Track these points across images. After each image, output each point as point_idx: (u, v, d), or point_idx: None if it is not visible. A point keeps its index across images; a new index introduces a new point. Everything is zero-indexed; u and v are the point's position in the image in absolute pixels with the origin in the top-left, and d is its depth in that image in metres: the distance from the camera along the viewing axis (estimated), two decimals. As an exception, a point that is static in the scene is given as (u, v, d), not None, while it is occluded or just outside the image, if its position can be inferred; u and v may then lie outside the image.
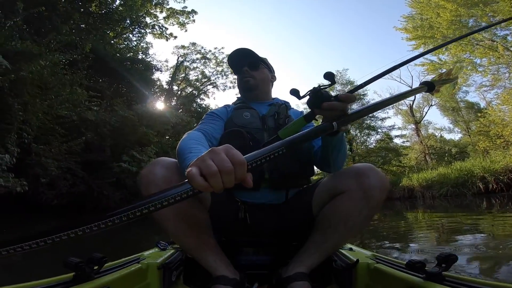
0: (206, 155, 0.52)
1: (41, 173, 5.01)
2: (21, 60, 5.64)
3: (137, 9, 13.92)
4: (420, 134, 23.97)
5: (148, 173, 0.84)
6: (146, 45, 16.76)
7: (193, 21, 16.08)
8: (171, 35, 16.00)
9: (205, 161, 0.50)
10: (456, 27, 11.13)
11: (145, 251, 1.14)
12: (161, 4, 15.57)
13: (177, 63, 18.33)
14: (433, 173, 11.94)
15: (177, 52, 18.49)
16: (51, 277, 0.65)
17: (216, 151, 0.52)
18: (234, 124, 1.12)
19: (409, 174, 14.21)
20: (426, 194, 11.14)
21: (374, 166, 0.92)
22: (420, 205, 9.28)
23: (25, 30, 8.30)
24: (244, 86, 1.25)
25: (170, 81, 18.23)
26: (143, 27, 15.64)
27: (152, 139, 8.20)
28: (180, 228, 0.88)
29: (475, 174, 9.48)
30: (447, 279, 0.66)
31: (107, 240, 3.40)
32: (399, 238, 3.05)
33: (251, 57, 1.26)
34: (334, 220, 0.91)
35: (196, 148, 0.83)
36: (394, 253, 2.29)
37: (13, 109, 4.64)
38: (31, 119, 4.86)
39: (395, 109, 25.21)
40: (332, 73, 0.78)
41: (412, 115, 23.88)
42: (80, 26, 12.16)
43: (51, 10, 9.91)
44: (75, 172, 5.91)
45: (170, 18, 15.92)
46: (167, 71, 18.85)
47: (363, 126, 20.40)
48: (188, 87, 19.55)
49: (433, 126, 26.80)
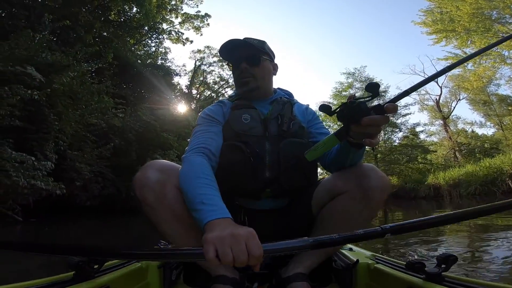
0: (227, 239, 0.58)
1: (75, 176, 5.57)
2: (52, 72, 6.22)
3: (153, 17, 14.58)
4: (449, 129, 23.15)
5: (141, 176, 0.85)
6: (164, 50, 17.58)
7: (208, 24, 16.73)
8: (187, 39, 16.74)
9: (223, 247, 0.56)
10: (478, 20, 10.78)
11: None
12: (176, 9, 16.26)
13: (195, 67, 19.01)
14: (460, 171, 11.59)
15: (194, 56, 19.23)
16: (52, 276, 0.66)
17: (238, 238, 0.58)
18: (232, 130, 1.02)
19: (435, 172, 13.91)
20: (453, 192, 10.86)
21: (375, 167, 0.92)
22: (446, 204, 9.11)
23: (53, 41, 9.01)
24: (243, 87, 1.10)
25: (189, 85, 18.94)
26: (160, 33, 16.41)
27: (173, 143, 8.72)
28: (177, 231, 0.88)
29: (504, 172, 9.18)
30: (446, 280, 0.67)
31: (107, 240, 3.61)
32: (428, 240, 2.95)
33: (250, 50, 1.08)
34: (334, 221, 0.91)
35: (208, 196, 0.77)
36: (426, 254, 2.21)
37: (49, 120, 5.20)
38: (66, 128, 5.42)
39: (420, 105, 24.53)
40: (377, 84, 0.71)
41: (439, 110, 23.10)
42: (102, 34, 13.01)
43: (74, 21, 10.68)
44: (106, 176, 6.49)
45: (185, 23, 16.65)
46: (186, 75, 19.62)
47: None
48: (207, 90, 20.21)
49: (463, 121, 25.66)
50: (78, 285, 0.63)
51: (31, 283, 0.61)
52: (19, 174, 4.17)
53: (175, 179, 0.86)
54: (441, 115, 22.71)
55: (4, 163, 4.19)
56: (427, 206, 8.96)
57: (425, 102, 23.85)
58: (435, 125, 24.14)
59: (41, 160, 4.75)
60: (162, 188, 0.84)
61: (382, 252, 2.27)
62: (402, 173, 18.21)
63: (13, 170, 4.16)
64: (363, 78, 19.47)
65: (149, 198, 0.83)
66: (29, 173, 4.32)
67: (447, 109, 23.43)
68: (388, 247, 2.56)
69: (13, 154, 4.18)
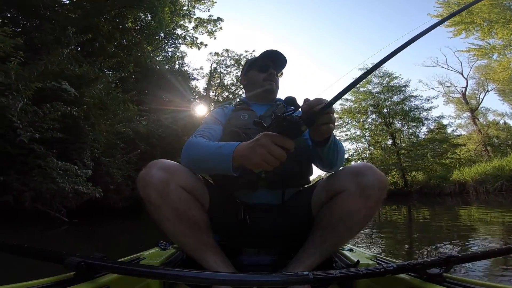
0: (258, 147, 0.76)
1: (109, 181, 6.27)
2: (82, 84, 6.87)
3: (167, 24, 15.28)
4: (478, 122, 22.50)
5: (145, 175, 0.88)
6: (180, 54, 18.38)
7: (220, 28, 17.45)
8: (201, 43, 17.44)
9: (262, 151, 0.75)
10: (498, 11, 10.55)
11: (145, 251, 1.18)
12: (188, 14, 16.97)
13: (211, 70, 19.76)
14: (487, 166, 11.47)
15: (211, 59, 20.01)
16: (52, 276, 0.67)
17: (265, 144, 0.75)
18: (232, 125, 1.18)
19: (460, 167, 13.75)
20: (479, 189, 10.86)
21: (373, 165, 0.95)
22: (472, 200, 9.10)
23: (78, 52, 9.72)
24: (266, 89, 1.30)
25: (207, 88, 19.66)
26: (176, 39, 17.17)
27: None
28: (179, 229, 0.91)
29: (533, 166, 9.04)
30: (447, 281, 0.68)
31: (107, 240, 3.78)
32: (429, 240, 3.03)
33: (283, 65, 1.34)
34: (333, 220, 0.94)
35: (219, 143, 0.94)
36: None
37: (85, 131, 5.91)
38: (99, 137, 6.12)
39: (445, 97, 24.01)
40: (293, 98, 0.89)
41: (466, 103, 22.51)
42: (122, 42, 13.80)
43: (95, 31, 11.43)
44: (134, 179, 7.08)
45: (199, 27, 17.38)
46: (203, 78, 20.43)
47: (407, 119, 19.63)
48: (224, 92, 20.89)
49: (494, 112, 24.73)
50: (78, 285, 0.63)
51: (31, 283, 0.62)
52: (64, 180, 4.88)
53: (178, 178, 0.91)
54: (469, 107, 22.12)
55: (51, 171, 4.90)
56: (452, 203, 8.97)
57: (451, 94, 23.43)
58: (463, 117, 23.57)
59: (81, 168, 5.44)
60: (166, 187, 0.88)
61: (383, 253, 2.40)
62: (428, 169, 17.89)
63: (59, 177, 4.87)
64: (381, 73, 19.35)
65: (152, 197, 0.87)
66: (72, 179, 5.03)
67: (475, 101, 22.77)
68: (388, 248, 2.67)
69: (59, 164, 4.88)
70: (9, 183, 4.71)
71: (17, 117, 4.65)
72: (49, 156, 4.94)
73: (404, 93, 19.54)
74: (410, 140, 20.11)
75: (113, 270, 0.65)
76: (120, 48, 13.08)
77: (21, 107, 4.73)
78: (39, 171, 4.84)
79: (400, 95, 19.66)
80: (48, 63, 6.23)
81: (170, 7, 15.11)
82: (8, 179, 4.70)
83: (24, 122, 4.73)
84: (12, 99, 4.65)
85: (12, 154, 4.78)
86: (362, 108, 20.73)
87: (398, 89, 19.75)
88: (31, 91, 4.94)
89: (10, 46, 5.11)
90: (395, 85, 19.91)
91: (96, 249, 2.93)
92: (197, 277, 0.57)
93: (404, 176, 18.87)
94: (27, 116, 4.86)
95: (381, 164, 19.58)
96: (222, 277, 0.58)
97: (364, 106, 20.67)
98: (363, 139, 21.76)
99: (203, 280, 0.56)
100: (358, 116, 21.19)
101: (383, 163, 19.63)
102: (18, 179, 4.81)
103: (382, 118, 20.49)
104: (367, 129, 21.53)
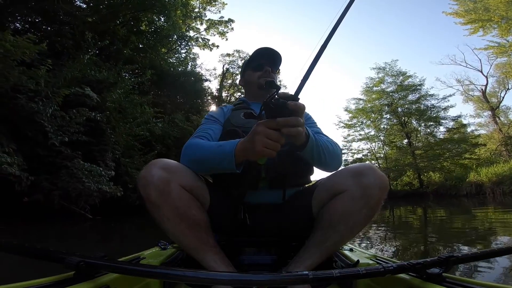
0: (258, 135, 0.79)
1: (128, 180, 6.77)
2: (103, 89, 7.31)
3: (179, 27, 15.71)
4: (499, 121, 22.01)
5: (146, 174, 0.88)
6: (193, 56, 18.87)
7: (232, 29, 17.78)
8: (213, 45, 17.90)
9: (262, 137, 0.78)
10: None
11: (145, 250, 1.18)
12: (200, 16, 17.44)
13: (223, 71, 20.21)
14: (504, 167, 11.42)
15: (223, 60, 20.48)
16: (52, 276, 0.67)
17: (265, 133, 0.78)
18: (231, 124, 1.20)
19: (477, 168, 13.62)
20: (496, 190, 10.83)
21: (373, 166, 0.96)
22: (489, 202, 9.07)
23: (97, 56, 10.09)
24: (261, 85, 1.31)
25: (219, 88, 20.14)
26: (188, 40, 17.64)
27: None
28: (180, 229, 0.91)
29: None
30: (447, 280, 0.68)
31: (108, 240, 3.86)
32: (430, 240, 3.10)
33: (278, 62, 1.34)
34: (334, 220, 0.94)
35: (220, 143, 0.97)
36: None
37: (107, 134, 6.41)
38: (119, 139, 6.62)
39: (464, 96, 23.60)
40: (272, 80, 0.94)
41: (486, 101, 22.03)
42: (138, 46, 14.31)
43: (112, 35, 11.94)
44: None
45: (210, 28, 17.83)
46: (216, 79, 20.95)
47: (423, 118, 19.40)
48: (237, 92, 21.34)
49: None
50: (78, 285, 0.63)
51: (31, 283, 0.62)
52: (89, 180, 5.36)
53: (179, 177, 0.91)
54: (489, 106, 21.66)
55: (77, 172, 5.39)
56: (468, 204, 8.98)
57: (470, 92, 23.02)
58: (483, 116, 23.07)
59: (104, 168, 5.93)
60: (166, 186, 0.88)
61: (383, 253, 2.45)
62: (445, 169, 17.70)
63: (84, 177, 5.35)
64: (394, 72, 19.25)
65: (153, 196, 0.87)
66: (96, 179, 5.52)
67: (496, 100, 22.25)
68: (388, 247, 2.73)
69: (85, 165, 5.37)
70: (39, 183, 5.22)
71: (47, 122, 5.15)
72: (76, 157, 5.44)
73: (419, 92, 19.34)
74: (427, 140, 19.88)
75: (113, 270, 0.66)
76: (135, 51, 13.59)
77: (51, 112, 5.22)
78: (67, 172, 5.35)
79: (415, 93, 19.48)
80: (70, 70, 6.64)
81: (182, 10, 15.58)
82: (38, 179, 5.21)
83: (54, 126, 5.23)
84: (42, 105, 5.15)
85: (41, 155, 5.30)
86: (376, 107, 20.67)
87: (413, 88, 19.56)
88: (61, 98, 5.41)
89: (35, 52, 5.34)
90: (409, 83, 19.75)
91: (120, 245, 3.32)
92: (197, 277, 0.57)
93: (419, 176, 18.76)
94: (56, 121, 5.36)
95: (396, 164, 19.50)
96: (222, 277, 0.59)
97: (378, 106, 20.60)
98: (377, 139, 21.69)
99: (203, 280, 0.57)
100: (373, 116, 21.13)
101: (398, 163, 19.55)
102: (47, 179, 5.32)
103: (397, 118, 20.37)
104: (382, 129, 21.46)
